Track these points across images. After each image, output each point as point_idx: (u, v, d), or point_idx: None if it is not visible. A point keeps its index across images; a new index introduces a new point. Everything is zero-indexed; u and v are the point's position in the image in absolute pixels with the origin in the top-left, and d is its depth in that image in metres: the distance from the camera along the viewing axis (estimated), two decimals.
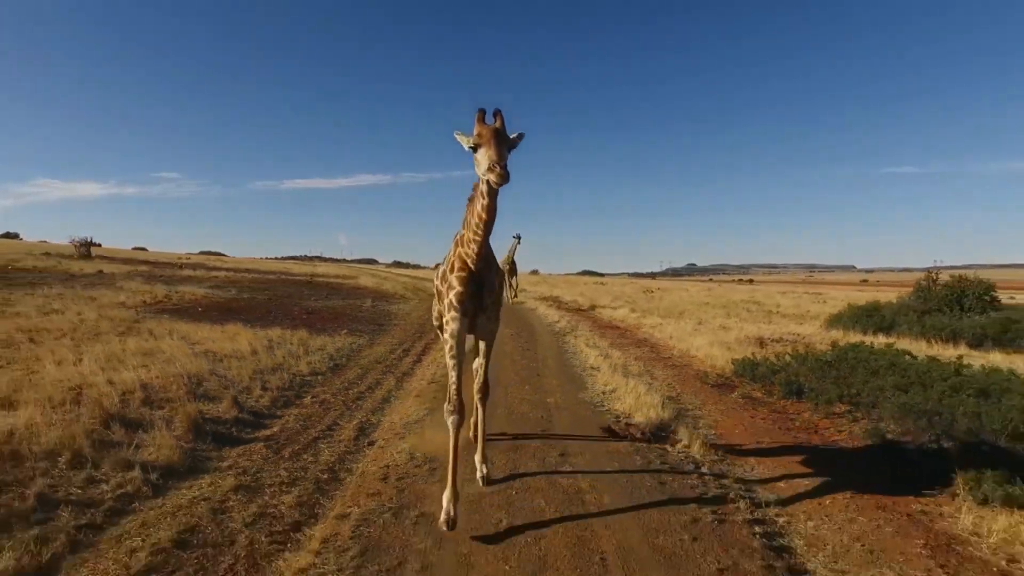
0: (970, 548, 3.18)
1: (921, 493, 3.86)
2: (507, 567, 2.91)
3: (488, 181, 2.95)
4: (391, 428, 5.14)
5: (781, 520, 3.52)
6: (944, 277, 15.20)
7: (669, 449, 4.71)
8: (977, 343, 10.76)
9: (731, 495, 3.79)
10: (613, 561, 2.97)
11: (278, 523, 3.31)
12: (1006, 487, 3.52)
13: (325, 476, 4.03)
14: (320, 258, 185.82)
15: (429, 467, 4.14)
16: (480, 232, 3.24)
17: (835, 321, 14.09)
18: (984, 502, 3.54)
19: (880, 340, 8.74)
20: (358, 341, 9.90)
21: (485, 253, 3.40)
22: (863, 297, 19.47)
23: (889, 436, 4.84)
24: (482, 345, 4.00)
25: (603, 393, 6.52)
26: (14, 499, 3.22)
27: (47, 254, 29.98)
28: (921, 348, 9.14)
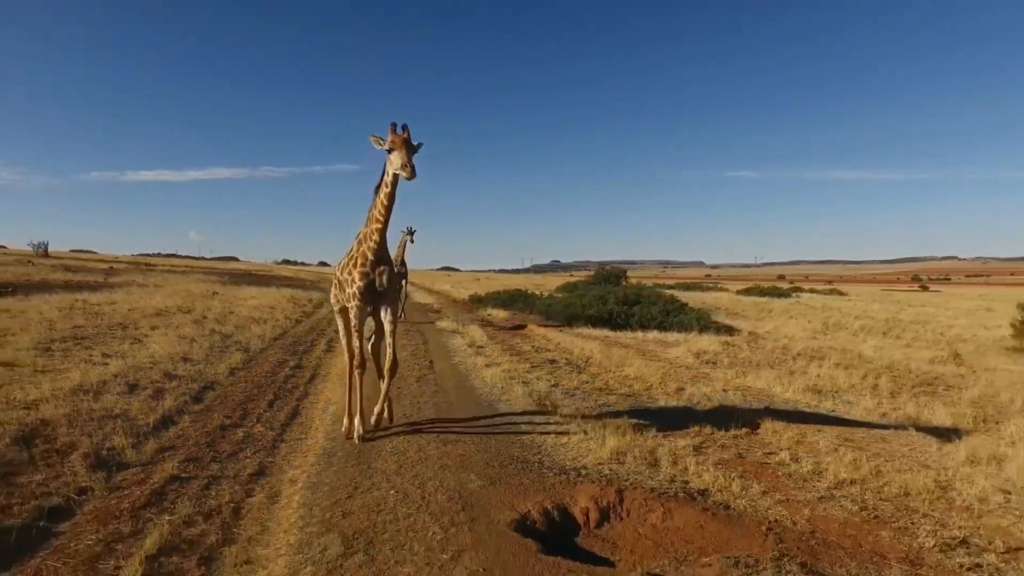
0: (530, 337, 18.24)
1: (522, 331, 19.00)
2: None
3: (400, 176, 4.00)
4: None
5: (462, 328, 18.41)
6: (607, 268, 32.86)
7: (429, 305, 19.41)
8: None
9: (441, 312, 18.58)
10: (408, 310, 17.59)
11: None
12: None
13: None
14: (176, 255, 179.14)
15: None
16: (383, 217, 4.22)
17: (562, 288, 30.36)
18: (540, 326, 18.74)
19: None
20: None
21: (382, 253, 4.40)
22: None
23: (515, 317, 20.08)
24: (388, 328, 4.69)
25: (414, 303, 21.15)
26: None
27: (4, 254, 36.51)
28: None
